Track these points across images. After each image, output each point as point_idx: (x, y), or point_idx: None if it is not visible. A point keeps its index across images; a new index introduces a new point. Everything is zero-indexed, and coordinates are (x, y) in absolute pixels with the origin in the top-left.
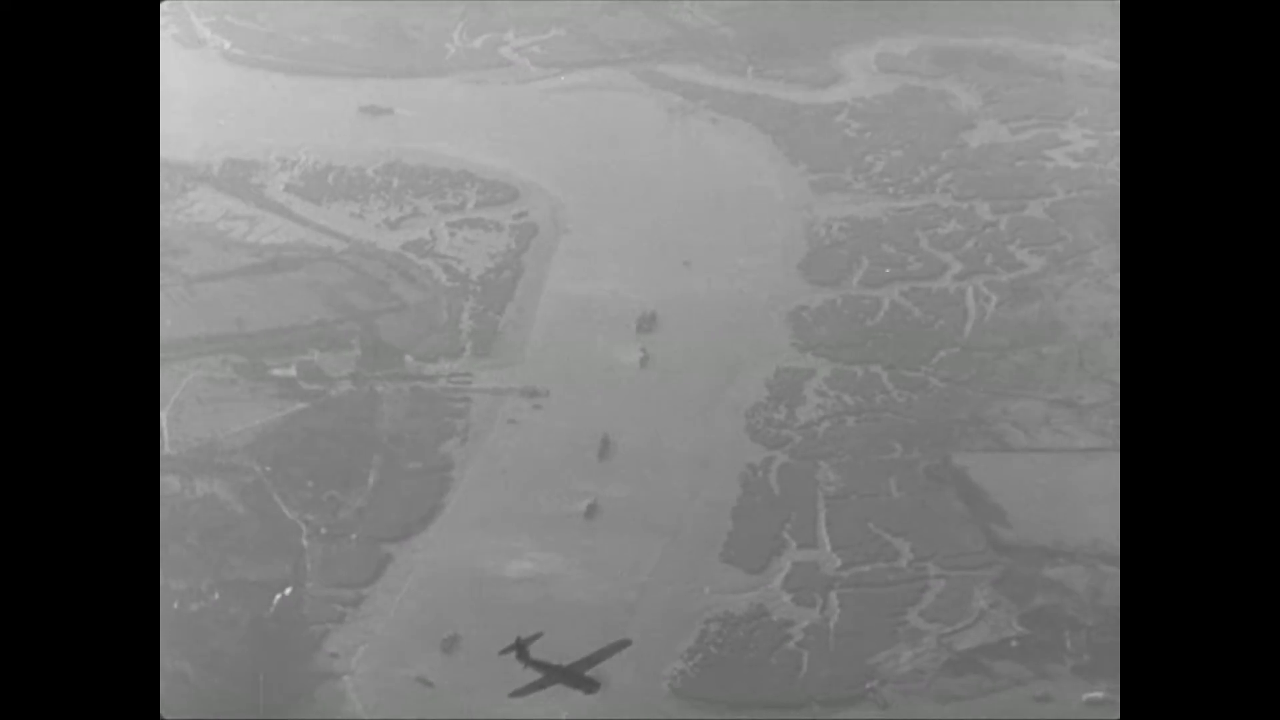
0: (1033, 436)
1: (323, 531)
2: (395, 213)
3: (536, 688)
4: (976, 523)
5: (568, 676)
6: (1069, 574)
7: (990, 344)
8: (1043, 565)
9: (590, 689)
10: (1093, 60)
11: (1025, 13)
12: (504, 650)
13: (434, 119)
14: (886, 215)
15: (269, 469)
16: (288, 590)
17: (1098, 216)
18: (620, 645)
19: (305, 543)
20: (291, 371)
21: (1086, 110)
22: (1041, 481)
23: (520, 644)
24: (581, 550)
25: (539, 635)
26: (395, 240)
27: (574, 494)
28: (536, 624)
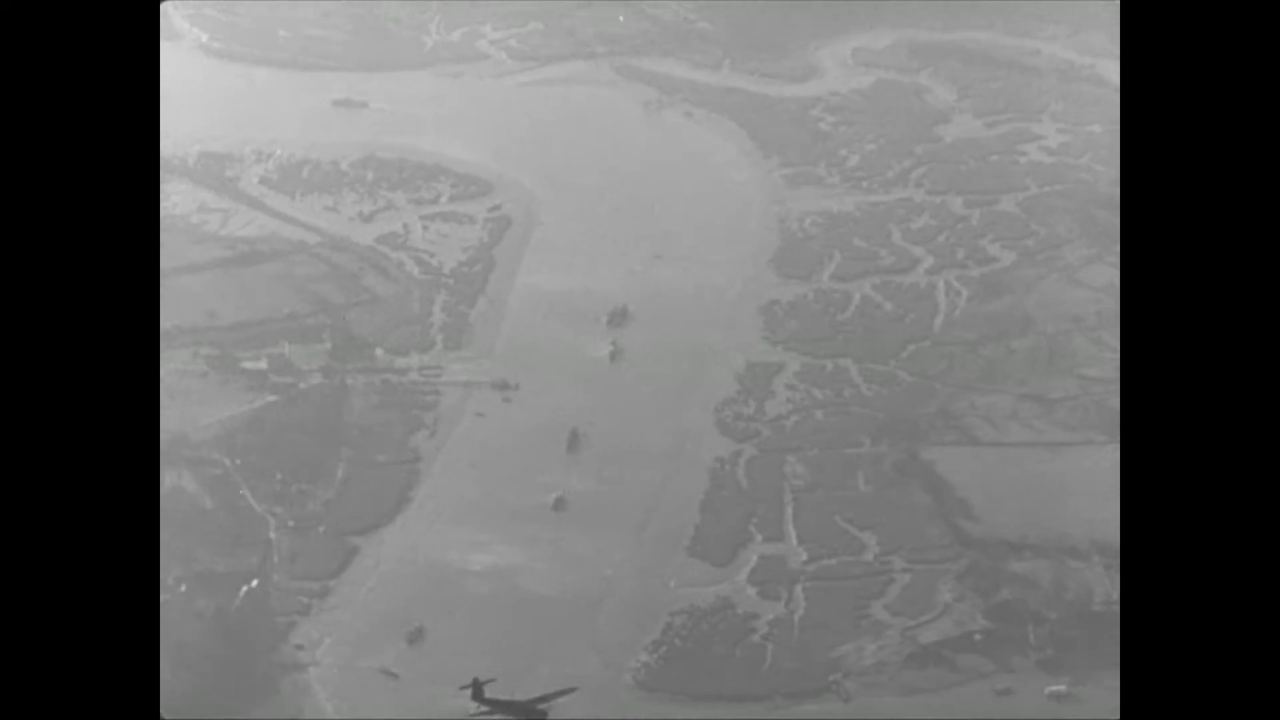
0: (1000, 430)
1: (290, 524)
2: (369, 206)
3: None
4: (942, 516)
5: (517, 709)
6: (1034, 568)
7: (960, 338)
8: (1008, 559)
9: (539, 717)
10: (1068, 55)
11: (1002, 8)
12: (462, 687)
13: (410, 112)
14: (859, 209)
15: (238, 462)
16: (254, 582)
17: (1070, 211)
18: (567, 691)
19: (273, 535)
20: (262, 364)
21: (1061, 105)
22: (1008, 475)
23: (476, 685)
24: (548, 543)
25: (493, 680)
26: (368, 233)
27: (542, 487)
28: (502, 617)
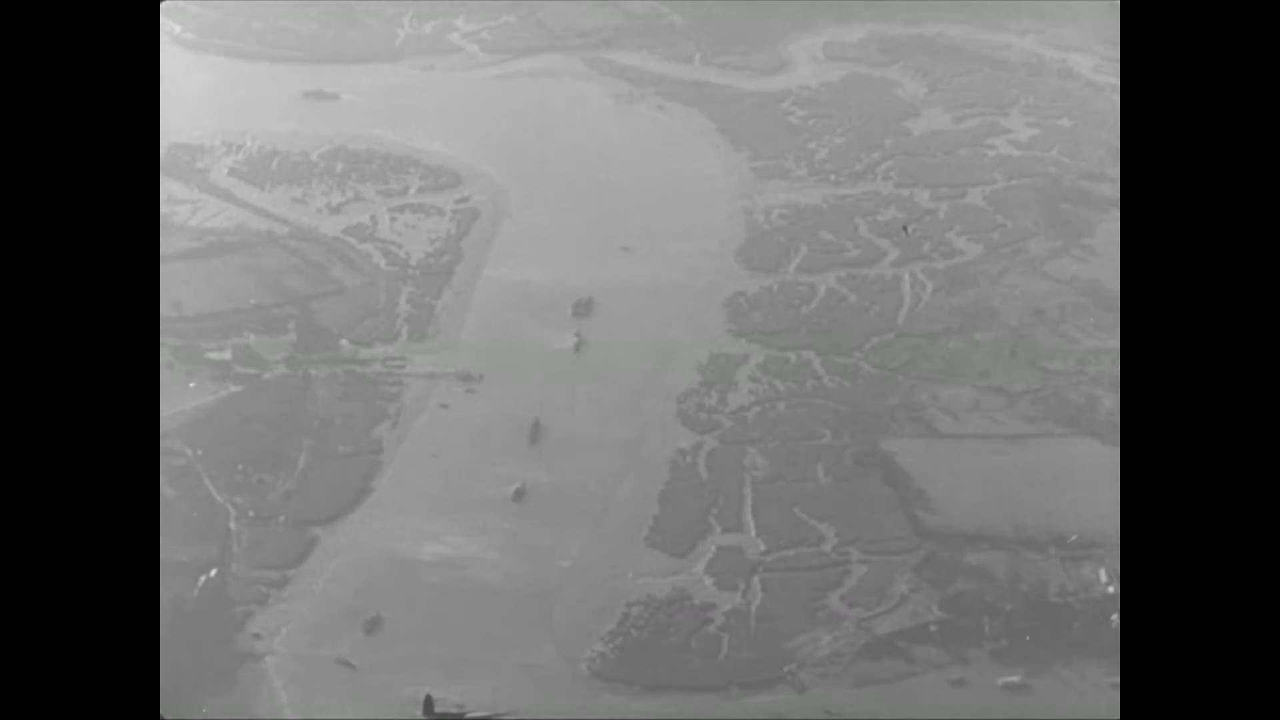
0: (961, 422)
1: (251, 514)
2: (338, 197)
3: None
4: (901, 508)
5: None
6: (990, 559)
7: (924, 330)
8: (965, 551)
9: None
10: (1039, 49)
11: (973, 4)
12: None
13: (380, 104)
14: (826, 202)
15: (200, 452)
16: (213, 572)
17: (1036, 204)
18: (514, 713)
19: (233, 525)
20: (226, 355)
21: (1031, 99)
22: (968, 467)
23: (429, 702)
24: (507, 534)
25: (444, 699)
26: (336, 225)
27: (503, 478)
28: (459, 607)
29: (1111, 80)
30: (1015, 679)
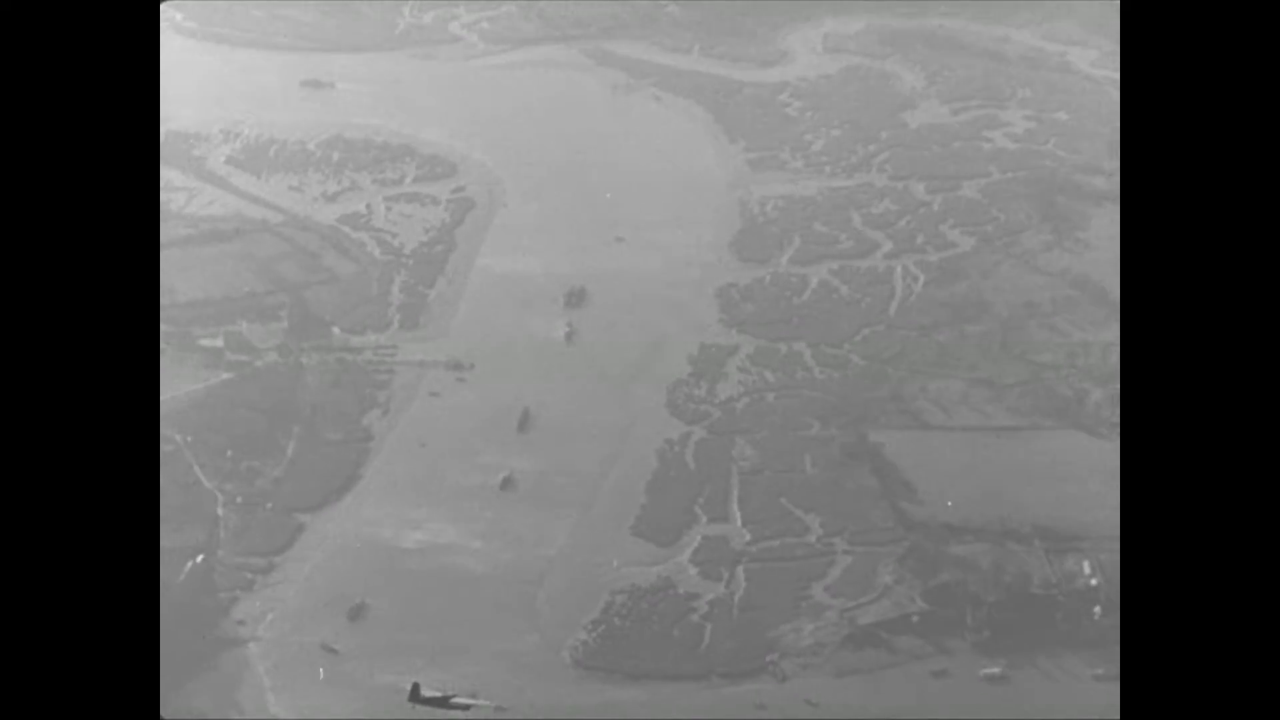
0: (950, 414)
1: (239, 500)
2: (334, 186)
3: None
4: (887, 499)
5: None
6: (974, 551)
7: (914, 322)
8: (949, 542)
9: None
10: (1039, 43)
11: None
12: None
13: (379, 94)
14: (821, 194)
15: (190, 438)
16: (199, 558)
17: (1031, 197)
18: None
19: (220, 511)
20: (219, 342)
21: (1028, 92)
22: (955, 459)
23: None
24: (494, 522)
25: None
26: (331, 213)
27: (491, 466)
28: (443, 594)
29: (1110, 74)
30: (996, 670)
